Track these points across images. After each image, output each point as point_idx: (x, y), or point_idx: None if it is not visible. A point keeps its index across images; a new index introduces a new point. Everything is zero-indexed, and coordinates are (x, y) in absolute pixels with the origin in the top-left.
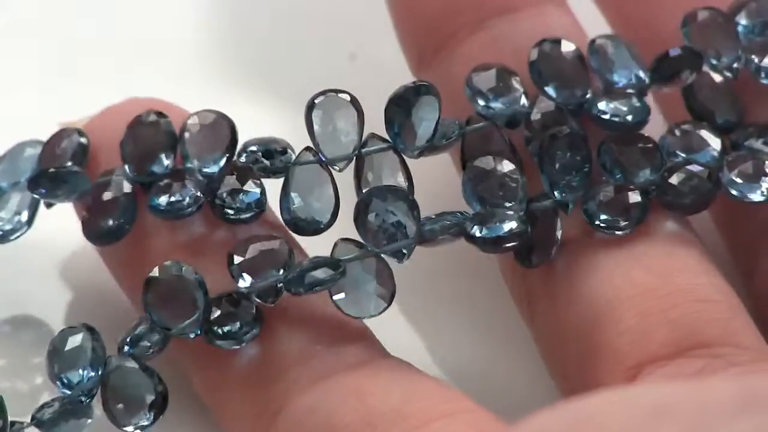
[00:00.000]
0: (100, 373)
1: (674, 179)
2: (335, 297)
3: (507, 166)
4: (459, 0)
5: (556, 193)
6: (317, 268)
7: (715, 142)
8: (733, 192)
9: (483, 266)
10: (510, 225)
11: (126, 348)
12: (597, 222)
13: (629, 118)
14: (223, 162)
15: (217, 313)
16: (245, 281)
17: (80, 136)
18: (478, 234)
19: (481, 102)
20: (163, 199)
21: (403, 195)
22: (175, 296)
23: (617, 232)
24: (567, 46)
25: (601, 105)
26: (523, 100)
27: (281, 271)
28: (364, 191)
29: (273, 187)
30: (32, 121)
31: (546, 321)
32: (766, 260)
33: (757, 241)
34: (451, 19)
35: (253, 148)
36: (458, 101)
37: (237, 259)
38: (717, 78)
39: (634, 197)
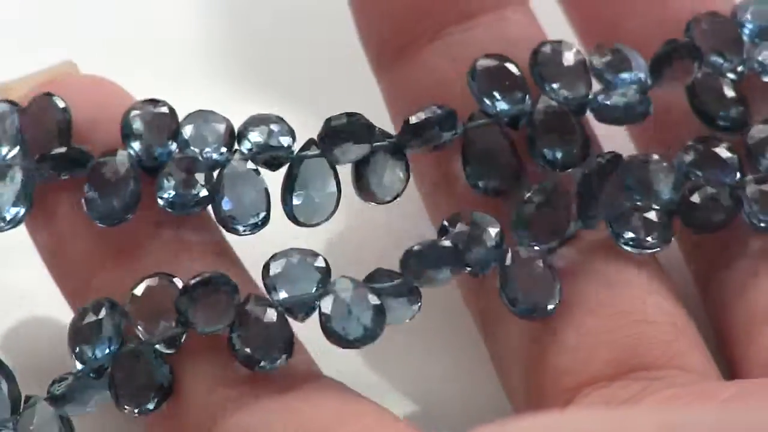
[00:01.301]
0: (115, 349)
1: (695, 198)
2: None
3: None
4: (420, 6)
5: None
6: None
7: (732, 160)
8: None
9: (444, 288)
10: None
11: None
12: (623, 240)
13: (630, 109)
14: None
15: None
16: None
17: (63, 109)
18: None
19: (487, 101)
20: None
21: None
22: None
23: (645, 251)
24: (568, 47)
25: (601, 98)
26: (527, 99)
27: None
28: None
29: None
30: None
31: (500, 339)
32: (722, 273)
33: (713, 254)
34: (411, 25)
35: (257, 138)
36: (416, 109)
37: (273, 271)
38: (721, 79)
39: (657, 216)
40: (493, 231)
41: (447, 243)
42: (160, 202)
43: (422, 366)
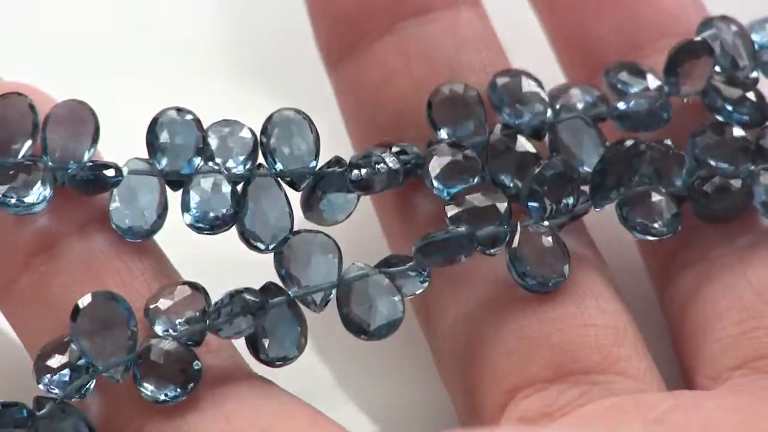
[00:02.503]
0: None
1: (707, 187)
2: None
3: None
4: (372, 1)
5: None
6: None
7: (744, 149)
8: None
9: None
10: None
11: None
12: (632, 224)
13: (651, 114)
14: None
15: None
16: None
17: (31, 109)
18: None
19: (507, 112)
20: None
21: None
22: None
23: (650, 237)
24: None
25: (621, 105)
26: (548, 111)
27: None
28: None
29: None
30: None
31: (439, 334)
32: (677, 278)
33: (668, 258)
34: (363, 20)
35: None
36: (367, 101)
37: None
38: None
39: (667, 203)
40: (502, 207)
41: (462, 229)
42: (187, 220)
43: (374, 378)
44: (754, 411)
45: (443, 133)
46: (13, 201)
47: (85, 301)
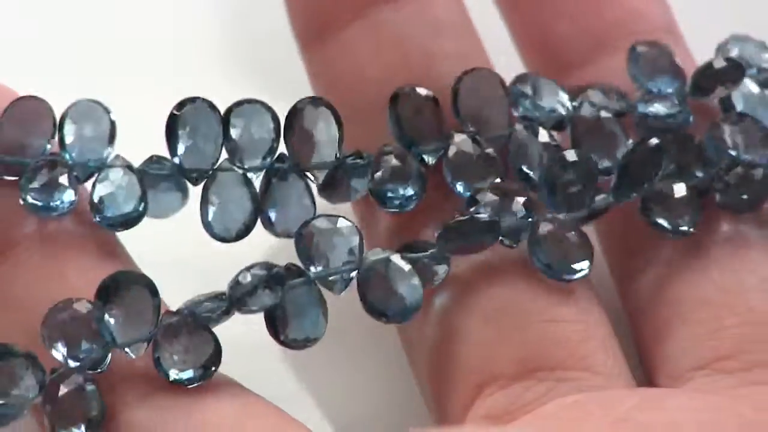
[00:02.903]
0: None
1: (730, 178)
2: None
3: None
4: None
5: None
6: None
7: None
8: None
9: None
10: None
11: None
12: (653, 220)
13: (672, 119)
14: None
15: None
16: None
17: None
18: None
19: (527, 105)
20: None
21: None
22: None
23: (672, 233)
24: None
25: (642, 107)
26: (568, 104)
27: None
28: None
29: None
30: None
31: (412, 330)
32: (637, 277)
33: (629, 258)
34: (336, 4)
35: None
36: (338, 87)
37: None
38: (755, 88)
39: (689, 198)
40: (521, 199)
41: (484, 216)
42: (209, 230)
43: (338, 375)
44: (719, 411)
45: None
46: (42, 204)
47: (110, 278)
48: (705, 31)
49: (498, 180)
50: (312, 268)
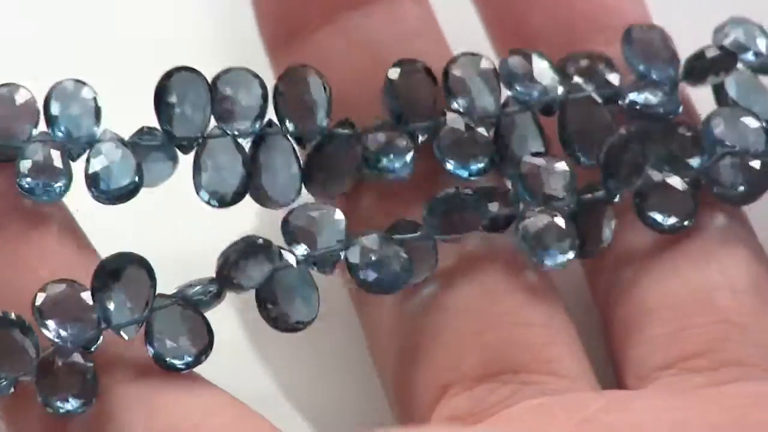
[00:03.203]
0: None
1: (724, 169)
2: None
3: (561, 166)
4: None
5: (609, 186)
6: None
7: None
8: None
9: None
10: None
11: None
12: (647, 215)
13: (660, 109)
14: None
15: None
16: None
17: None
18: None
19: (519, 87)
20: None
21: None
22: None
23: (668, 229)
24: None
25: (633, 95)
26: (560, 88)
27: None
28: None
29: None
30: None
31: (377, 329)
32: (607, 276)
33: (600, 257)
34: (305, 9)
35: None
36: None
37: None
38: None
39: (683, 189)
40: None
41: (468, 191)
42: (203, 196)
43: (300, 372)
44: (685, 411)
45: (457, 105)
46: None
47: (109, 259)
48: (689, 27)
49: (488, 160)
50: (299, 250)
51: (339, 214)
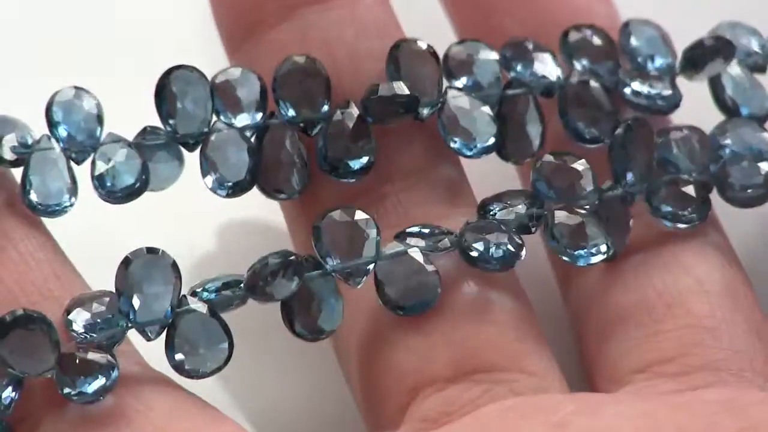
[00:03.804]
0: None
1: (734, 173)
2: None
3: (581, 165)
4: None
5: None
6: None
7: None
8: None
9: None
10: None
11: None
12: (661, 213)
13: (661, 102)
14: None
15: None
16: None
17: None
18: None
19: (519, 68)
20: None
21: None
22: None
23: (680, 225)
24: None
25: (635, 86)
26: (559, 72)
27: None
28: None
29: None
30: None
31: (344, 333)
32: (578, 280)
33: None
34: (262, 5)
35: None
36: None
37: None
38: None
39: (694, 190)
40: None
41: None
42: (209, 185)
43: (271, 380)
44: (655, 417)
45: (459, 83)
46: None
47: (133, 254)
48: (680, 32)
49: (493, 140)
50: (329, 261)
51: (371, 224)
